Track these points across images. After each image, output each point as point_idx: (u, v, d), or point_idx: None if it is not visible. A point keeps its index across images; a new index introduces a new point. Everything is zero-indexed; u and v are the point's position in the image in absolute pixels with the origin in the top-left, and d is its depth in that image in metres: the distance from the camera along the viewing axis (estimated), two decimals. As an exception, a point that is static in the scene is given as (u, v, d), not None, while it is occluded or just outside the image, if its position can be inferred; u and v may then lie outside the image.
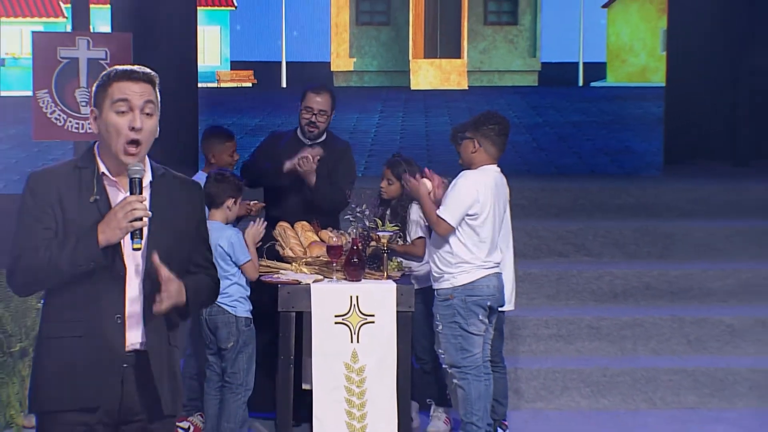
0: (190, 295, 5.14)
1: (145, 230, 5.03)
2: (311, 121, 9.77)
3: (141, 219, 4.95)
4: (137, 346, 5.13)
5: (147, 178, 5.14)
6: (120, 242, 5.00)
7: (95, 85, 5.15)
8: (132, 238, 4.98)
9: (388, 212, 9.56)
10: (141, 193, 5.01)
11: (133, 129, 5.01)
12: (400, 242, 9.44)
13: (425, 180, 9.09)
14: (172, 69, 13.91)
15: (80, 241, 4.95)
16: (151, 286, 5.08)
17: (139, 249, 5.02)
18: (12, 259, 5.03)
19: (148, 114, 5.06)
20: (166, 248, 5.11)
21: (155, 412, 5.17)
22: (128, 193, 5.00)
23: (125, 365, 5.10)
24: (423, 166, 9.72)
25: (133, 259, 5.09)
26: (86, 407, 5.07)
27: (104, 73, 5.15)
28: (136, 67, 5.15)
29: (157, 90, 5.14)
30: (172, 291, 5.04)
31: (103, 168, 5.10)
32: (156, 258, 5.03)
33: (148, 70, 5.13)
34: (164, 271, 5.03)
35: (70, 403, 5.06)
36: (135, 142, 5.02)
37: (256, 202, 9.83)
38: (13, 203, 5.29)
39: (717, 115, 14.67)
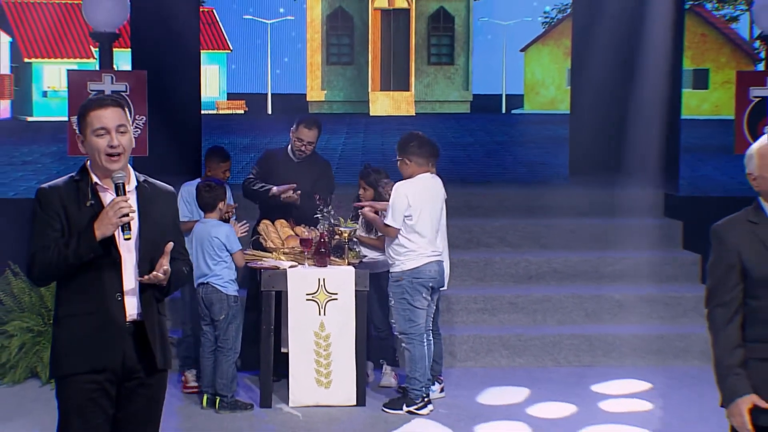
0: (172, 280, 5.18)
1: (134, 224, 5.06)
2: (301, 149, 9.83)
3: (127, 215, 4.98)
4: (135, 317, 5.14)
5: (132, 184, 5.17)
6: (113, 235, 5.02)
7: (77, 115, 5.18)
8: (122, 231, 5.00)
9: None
10: (125, 194, 5.05)
11: (111, 146, 5.05)
12: (373, 237, 9.49)
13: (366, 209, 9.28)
14: (180, 99, 13.88)
15: (81, 237, 4.97)
16: (146, 268, 5.12)
17: (129, 239, 5.04)
18: (29, 258, 5.05)
19: (122, 132, 5.09)
20: (153, 239, 5.15)
21: (151, 368, 5.19)
22: (115, 196, 5.04)
23: (126, 333, 5.12)
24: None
25: (126, 248, 5.11)
26: (96, 369, 5.08)
27: (81, 105, 5.18)
28: (106, 96, 5.20)
29: (126, 111, 5.17)
30: (165, 279, 5.11)
31: (95, 179, 5.12)
32: (169, 246, 5.13)
33: (116, 97, 5.21)
34: (165, 261, 5.11)
35: (84, 366, 5.07)
36: (115, 154, 5.06)
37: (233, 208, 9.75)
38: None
39: (610, 136, 14.66)
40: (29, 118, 51.63)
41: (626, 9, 14.45)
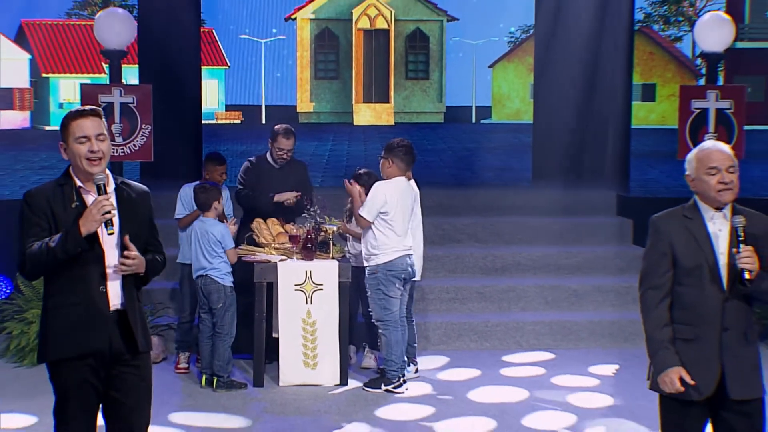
0: (149, 268, 5.19)
1: (115, 221, 5.04)
2: (282, 157, 9.82)
3: (109, 212, 4.98)
4: (118, 306, 5.14)
5: (111, 186, 5.15)
6: (97, 232, 5.01)
7: (60, 125, 5.15)
8: (106, 227, 5.01)
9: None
10: (106, 193, 5.05)
11: (92, 152, 5.04)
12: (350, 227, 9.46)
13: (355, 186, 9.19)
14: (183, 110, 13.86)
15: (68, 234, 4.95)
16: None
17: (112, 234, 5.05)
18: (20, 256, 5.04)
19: (100, 139, 5.08)
20: (131, 233, 5.14)
21: (134, 351, 5.18)
22: (98, 196, 5.04)
23: (111, 320, 5.11)
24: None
25: (108, 244, 5.10)
26: (86, 353, 5.07)
27: (64, 116, 5.16)
28: (86, 108, 5.17)
29: (104, 120, 5.16)
30: (133, 263, 5.09)
31: (78, 182, 5.12)
32: (126, 239, 5.10)
33: (95, 108, 5.18)
34: (132, 248, 5.10)
35: (75, 351, 5.07)
36: (95, 159, 5.05)
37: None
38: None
39: (569, 143, 14.68)
40: (47, 128, 51.45)
41: (582, 30, 14.49)
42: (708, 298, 5.14)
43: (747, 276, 5.06)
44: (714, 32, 11.60)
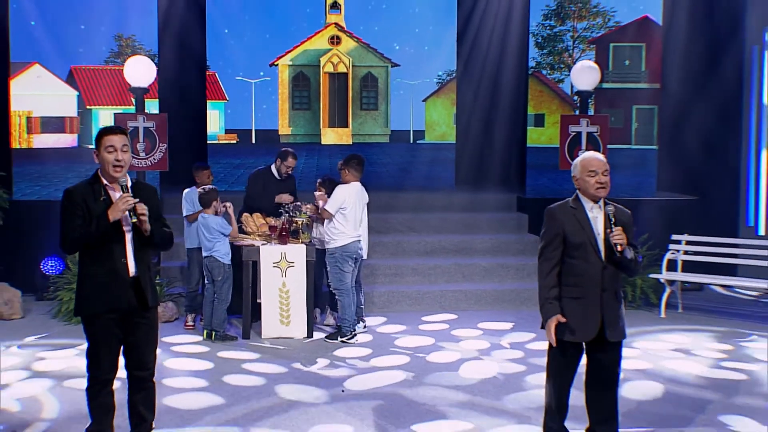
0: (155, 230, 5.19)
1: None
2: (288, 172, 9.79)
3: (131, 204, 5.02)
4: (134, 273, 5.15)
5: (129, 184, 5.15)
6: (120, 219, 5.05)
7: (95, 138, 5.18)
8: (129, 216, 5.07)
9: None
10: (128, 191, 5.08)
11: (117, 160, 5.08)
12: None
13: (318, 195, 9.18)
14: (192, 133, 13.75)
15: (99, 221, 5.01)
16: (139, 243, 5.14)
17: (134, 222, 5.08)
18: (62, 237, 5.04)
19: (124, 151, 5.12)
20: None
21: (145, 306, 5.19)
22: (121, 193, 5.09)
23: (129, 285, 5.13)
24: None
25: (128, 227, 5.12)
26: (112, 309, 5.10)
27: (98, 132, 5.17)
28: (114, 126, 5.23)
29: (127, 136, 5.19)
30: (143, 209, 5.10)
31: (105, 182, 5.15)
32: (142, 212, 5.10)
33: (121, 126, 5.29)
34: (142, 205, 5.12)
35: (104, 307, 5.09)
36: (119, 166, 5.08)
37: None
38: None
39: (481, 158, 14.73)
40: (90, 146, 50.89)
41: (491, 73, 14.59)
42: (591, 267, 5.22)
43: (619, 248, 5.19)
44: (586, 76, 11.67)
